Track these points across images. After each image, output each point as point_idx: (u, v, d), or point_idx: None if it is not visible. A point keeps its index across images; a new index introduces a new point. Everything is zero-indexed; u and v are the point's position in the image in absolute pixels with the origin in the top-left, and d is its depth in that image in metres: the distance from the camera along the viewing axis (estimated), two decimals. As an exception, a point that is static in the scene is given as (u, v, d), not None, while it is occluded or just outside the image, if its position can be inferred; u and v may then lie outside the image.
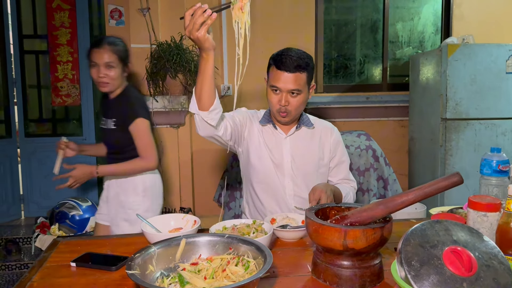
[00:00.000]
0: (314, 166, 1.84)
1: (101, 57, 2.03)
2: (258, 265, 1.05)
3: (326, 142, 1.88)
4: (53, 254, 1.39)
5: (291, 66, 1.67)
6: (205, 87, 1.53)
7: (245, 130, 1.83)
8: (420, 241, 0.90)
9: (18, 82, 4.05)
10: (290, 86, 1.69)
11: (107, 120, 2.15)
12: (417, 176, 3.61)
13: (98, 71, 2.04)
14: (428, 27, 4.03)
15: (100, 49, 2.03)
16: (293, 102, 1.72)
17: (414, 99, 3.63)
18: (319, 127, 1.89)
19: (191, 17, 1.39)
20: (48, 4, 3.86)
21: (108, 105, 2.17)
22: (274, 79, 1.71)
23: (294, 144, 1.83)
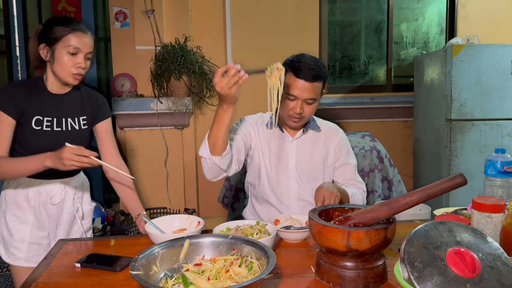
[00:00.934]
0: (319, 169, 1.84)
1: (87, 43, 1.60)
2: (261, 266, 1.05)
3: (331, 143, 1.87)
4: (58, 255, 1.40)
5: (310, 75, 1.66)
6: (220, 135, 1.58)
7: (251, 143, 1.83)
8: (423, 242, 0.90)
9: (24, 84, 4.07)
10: (307, 95, 1.68)
11: (74, 120, 1.70)
12: (422, 177, 3.60)
13: (76, 60, 1.58)
14: (433, 28, 4.02)
15: (86, 34, 1.60)
16: (308, 109, 1.72)
17: (418, 100, 3.62)
18: (324, 129, 1.89)
19: (224, 74, 1.43)
20: (54, 7, 3.89)
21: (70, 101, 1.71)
22: (291, 87, 1.68)
23: (300, 147, 1.83)
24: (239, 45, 3.60)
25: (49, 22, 1.61)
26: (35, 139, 1.62)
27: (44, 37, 1.59)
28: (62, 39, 1.55)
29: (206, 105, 3.55)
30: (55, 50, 1.56)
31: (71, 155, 1.41)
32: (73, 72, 1.59)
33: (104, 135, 1.80)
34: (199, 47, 3.34)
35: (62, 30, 1.56)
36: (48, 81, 1.65)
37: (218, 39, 3.58)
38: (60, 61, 1.57)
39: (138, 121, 3.28)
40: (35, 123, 1.61)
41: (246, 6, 3.58)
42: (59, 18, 1.63)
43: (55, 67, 1.59)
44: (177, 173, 3.42)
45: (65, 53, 1.56)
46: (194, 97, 3.37)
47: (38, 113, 1.62)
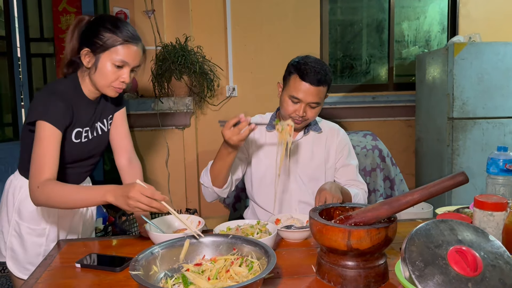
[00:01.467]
0: (321, 170, 1.83)
1: (136, 57, 1.43)
2: (262, 265, 1.04)
3: (332, 144, 1.86)
4: (58, 255, 1.40)
5: (315, 79, 1.63)
6: (223, 171, 1.64)
7: (248, 153, 1.83)
8: (424, 240, 0.89)
9: (25, 85, 4.09)
10: (311, 99, 1.65)
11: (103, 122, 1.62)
12: (424, 176, 3.59)
13: (120, 73, 1.42)
14: (434, 26, 4.00)
15: (137, 46, 1.43)
16: (311, 113, 1.70)
17: (420, 98, 3.60)
18: (325, 130, 1.87)
19: (233, 127, 1.47)
20: (54, 8, 3.90)
21: (101, 104, 1.60)
22: (296, 90, 1.65)
23: (301, 149, 1.82)
24: (239, 44, 3.59)
25: (98, 24, 1.40)
26: (72, 152, 1.50)
27: (89, 41, 1.39)
28: (110, 49, 1.38)
29: (207, 105, 3.55)
30: (99, 58, 1.39)
31: (140, 196, 1.20)
32: (114, 85, 1.42)
33: (119, 125, 1.66)
34: (200, 47, 3.34)
35: (112, 39, 1.37)
36: (85, 87, 1.49)
37: (218, 38, 3.58)
38: (103, 72, 1.40)
39: (139, 121, 3.28)
40: (75, 136, 1.49)
41: (247, 5, 3.58)
42: (110, 22, 1.40)
43: (96, 77, 1.42)
44: (179, 173, 3.42)
45: (111, 64, 1.39)
46: (195, 97, 3.37)
47: (79, 125, 1.49)
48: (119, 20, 1.43)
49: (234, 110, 3.61)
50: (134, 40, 1.41)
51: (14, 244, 1.57)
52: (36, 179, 1.33)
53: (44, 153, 1.35)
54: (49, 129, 1.36)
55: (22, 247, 1.57)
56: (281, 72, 1.79)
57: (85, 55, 1.40)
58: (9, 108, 4.10)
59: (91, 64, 1.41)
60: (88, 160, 1.61)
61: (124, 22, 1.44)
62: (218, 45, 3.57)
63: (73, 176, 1.59)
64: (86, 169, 1.64)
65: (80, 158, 1.55)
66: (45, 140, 1.35)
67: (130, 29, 1.43)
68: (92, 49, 1.39)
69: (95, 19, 1.44)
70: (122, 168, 1.71)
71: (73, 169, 1.57)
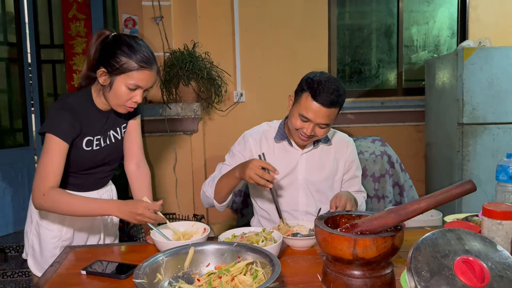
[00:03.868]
0: (328, 182, 1.81)
1: (149, 80, 1.48)
2: (266, 274, 1.03)
3: (341, 156, 1.83)
4: (65, 262, 1.40)
5: (328, 101, 1.57)
6: (226, 191, 1.71)
7: None
8: (431, 250, 0.88)
9: (35, 91, 4.14)
10: (321, 120, 1.61)
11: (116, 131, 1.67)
12: (434, 182, 3.55)
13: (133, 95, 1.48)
14: (444, 31, 3.97)
15: (152, 71, 1.48)
16: (319, 132, 1.65)
17: (430, 103, 3.57)
18: (335, 141, 1.84)
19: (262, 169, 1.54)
20: (64, 14, 3.94)
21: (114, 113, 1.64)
22: (306, 109, 1.60)
23: (309, 160, 1.79)
24: (247, 50, 3.60)
25: (115, 46, 1.45)
26: (84, 159, 1.56)
27: (106, 61, 1.45)
28: (126, 73, 1.43)
29: (214, 110, 3.56)
30: (114, 80, 1.44)
31: (147, 212, 1.38)
32: (127, 105, 1.49)
33: (132, 131, 1.71)
34: (208, 53, 3.35)
35: (127, 64, 1.42)
36: (98, 100, 1.55)
37: (226, 44, 3.59)
38: (117, 93, 1.45)
39: (147, 127, 3.29)
40: (86, 145, 1.54)
41: (255, 11, 3.58)
42: (125, 43, 1.45)
43: (110, 96, 1.48)
44: (186, 179, 3.43)
45: (125, 87, 1.44)
46: (203, 103, 3.38)
47: (90, 134, 1.55)
48: (136, 43, 1.47)
49: (242, 116, 3.61)
50: (148, 64, 1.46)
51: (35, 243, 1.64)
52: (42, 186, 1.42)
53: (50, 163, 1.44)
54: (56, 142, 1.44)
55: (40, 247, 1.63)
56: (288, 78, 1.78)
57: (101, 74, 1.47)
58: (19, 114, 4.14)
59: (107, 83, 1.47)
60: (104, 166, 1.67)
61: (140, 45, 1.47)
62: (226, 51, 3.58)
63: (93, 182, 1.66)
64: (105, 175, 1.70)
65: (95, 165, 1.62)
66: (51, 152, 1.44)
67: (145, 52, 1.46)
68: (108, 70, 1.45)
69: (113, 39, 1.48)
70: (130, 172, 1.77)
71: (91, 175, 1.64)
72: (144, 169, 1.78)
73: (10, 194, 3.88)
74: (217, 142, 3.59)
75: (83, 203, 1.44)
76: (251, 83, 3.62)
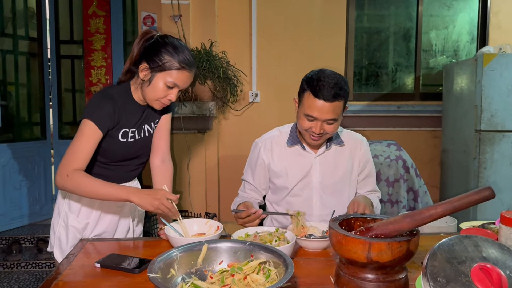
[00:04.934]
0: (343, 183, 1.79)
1: (187, 81, 1.55)
2: (279, 274, 1.03)
3: (355, 156, 1.82)
4: (80, 254, 1.42)
5: (330, 95, 1.55)
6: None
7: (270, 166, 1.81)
8: (447, 256, 0.87)
9: (54, 86, 4.20)
10: (327, 116, 1.58)
11: (150, 125, 1.72)
12: (449, 188, 3.51)
13: (169, 92, 1.54)
14: (463, 36, 3.92)
15: (191, 73, 1.54)
16: (329, 129, 1.63)
17: (447, 109, 3.53)
18: (348, 142, 1.82)
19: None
20: (85, 11, 4.00)
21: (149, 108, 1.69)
22: (310, 108, 1.58)
23: (324, 163, 1.78)
24: (264, 50, 3.60)
25: (161, 44, 1.52)
26: (118, 150, 1.61)
27: (149, 57, 1.52)
28: (167, 70, 1.50)
29: (229, 110, 3.57)
30: (154, 76, 1.51)
31: (165, 199, 1.43)
32: (161, 101, 1.55)
33: (162, 126, 1.76)
34: (224, 52, 3.36)
35: (170, 63, 1.49)
36: (135, 94, 1.61)
37: (243, 44, 3.60)
38: (155, 88, 1.52)
39: (163, 124, 3.31)
40: (122, 136, 1.59)
41: (272, 11, 3.59)
42: (171, 43, 1.52)
43: (147, 90, 1.54)
44: (199, 177, 3.44)
45: (163, 84, 1.51)
46: (218, 102, 3.40)
47: (126, 126, 1.59)
48: (180, 45, 1.54)
49: (257, 116, 3.62)
50: (189, 66, 1.53)
51: (62, 234, 1.67)
52: (67, 168, 1.45)
53: (81, 147, 1.47)
54: (91, 128, 1.48)
55: (67, 238, 1.66)
56: (305, 79, 1.77)
57: (142, 69, 1.53)
58: (37, 108, 4.21)
59: (147, 78, 1.53)
60: (135, 159, 1.72)
61: (183, 47, 1.55)
62: (242, 51, 3.59)
63: (122, 174, 1.70)
64: (134, 168, 1.74)
65: (127, 157, 1.67)
66: (84, 136, 1.48)
67: (187, 55, 1.53)
68: (151, 66, 1.51)
69: (160, 38, 1.55)
70: (154, 166, 1.81)
71: (121, 167, 1.69)
72: (168, 164, 1.82)
73: (26, 186, 3.95)
74: (231, 142, 3.60)
75: (103, 187, 1.47)
76: (266, 84, 3.62)
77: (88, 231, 1.67)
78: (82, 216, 1.66)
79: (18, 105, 4.08)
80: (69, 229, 1.65)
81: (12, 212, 3.81)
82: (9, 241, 3.49)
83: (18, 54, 4.02)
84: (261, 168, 1.82)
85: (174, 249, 1.11)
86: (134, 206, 1.79)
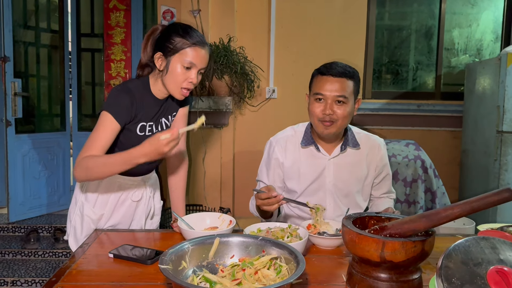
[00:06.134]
0: (358, 186, 1.76)
1: (203, 59, 1.53)
2: (290, 270, 1.03)
3: (372, 160, 1.78)
4: (93, 244, 1.44)
5: (337, 71, 1.60)
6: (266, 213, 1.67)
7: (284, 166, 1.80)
8: (463, 257, 0.85)
9: (74, 79, 4.26)
10: (336, 93, 1.59)
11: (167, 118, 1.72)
12: (468, 190, 3.44)
13: (189, 74, 1.53)
14: (487, 35, 3.83)
15: (204, 49, 1.54)
16: (339, 111, 1.60)
17: (468, 109, 3.45)
18: (365, 145, 1.77)
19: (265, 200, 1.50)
20: (105, 4, 4.03)
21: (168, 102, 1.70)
22: (318, 86, 1.62)
23: (338, 166, 1.74)
24: (282, 46, 3.58)
25: (170, 30, 1.54)
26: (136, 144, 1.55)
27: (162, 45, 1.54)
28: (180, 51, 1.50)
29: (246, 105, 3.56)
30: (170, 61, 1.52)
31: (164, 141, 1.35)
32: (183, 86, 1.53)
33: (179, 119, 1.76)
34: (242, 48, 3.36)
35: (182, 43, 1.50)
36: (155, 87, 1.61)
37: (261, 40, 3.58)
38: (174, 73, 1.52)
39: (179, 118, 3.33)
40: (140, 129, 1.60)
41: (292, 7, 3.56)
42: (180, 27, 1.54)
43: (167, 78, 1.54)
44: (214, 172, 3.45)
45: (180, 66, 1.51)
46: (235, 97, 3.39)
47: (144, 119, 1.60)
48: (189, 27, 1.55)
49: (273, 112, 3.60)
50: (201, 43, 1.53)
51: (77, 223, 1.69)
52: (81, 155, 1.47)
53: (97, 137, 1.48)
54: (109, 120, 1.49)
55: (81, 227, 1.68)
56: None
57: (158, 58, 1.54)
58: (58, 100, 4.28)
59: (163, 66, 1.54)
60: None
61: (193, 29, 1.56)
62: (261, 46, 3.58)
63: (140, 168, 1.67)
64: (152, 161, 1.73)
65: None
66: (101, 127, 1.49)
67: (198, 34, 1.55)
68: (164, 52, 1.52)
69: (168, 26, 1.57)
70: (169, 160, 1.83)
71: None
72: (184, 158, 1.84)
73: (45, 177, 4.02)
74: (247, 137, 3.59)
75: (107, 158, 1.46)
76: (284, 80, 3.60)
77: (102, 221, 1.69)
78: (98, 207, 1.68)
79: (39, 97, 4.15)
80: (84, 218, 1.67)
81: (31, 201, 3.89)
82: (27, 230, 3.56)
83: (40, 47, 4.09)
84: (276, 167, 1.81)
85: (186, 242, 1.11)
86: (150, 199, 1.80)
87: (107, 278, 1.17)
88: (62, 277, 1.16)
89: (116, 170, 1.48)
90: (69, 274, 1.19)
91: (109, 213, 1.69)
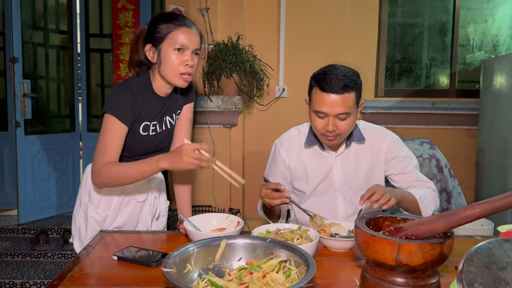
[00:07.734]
0: (368, 181, 1.69)
1: (193, 39, 1.49)
2: (300, 274, 0.98)
3: (379, 151, 1.69)
4: (97, 246, 1.40)
5: (338, 87, 1.48)
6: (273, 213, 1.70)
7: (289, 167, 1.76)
8: (485, 261, 0.79)
9: (83, 79, 4.26)
10: (338, 110, 1.49)
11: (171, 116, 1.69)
12: (484, 190, 3.35)
13: (183, 57, 1.49)
14: (503, 30, 3.72)
15: (192, 30, 1.50)
16: (342, 126, 1.53)
17: (485, 107, 3.36)
18: (369, 136, 1.71)
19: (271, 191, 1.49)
20: (114, 5, 4.02)
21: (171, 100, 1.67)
22: (319, 103, 1.51)
23: (345, 162, 1.69)
24: (292, 44, 3.53)
25: (154, 21, 1.52)
26: (140, 144, 1.58)
27: (150, 37, 1.51)
28: (167, 36, 1.47)
29: (255, 104, 3.51)
30: (161, 49, 1.48)
31: (193, 153, 1.35)
32: (181, 71, 1.49)
33: (184, 117, 1.73)
34: (251, 46, 3.31)
35: (167, 27, 1.47)
36: (156, 83, 1.57)
37: (271, 38, 3.53)
38: (168, 60, 1.48)
39: (188, 118, 3.30)
40: (143, 129, 1.57)
41: (302, 4, 3.50)
42: (164, 15, 1.53)
43: (163, 68, 1.50)
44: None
45: (172, 50, 1.47)
46: (244, 96, 3.34)
47: (147, 119, 1.57)
48: (174, 13, 1.55)
49: (282, 111, 3.55)
50: (186, 24, 1.50)
51: (81, 225, 1.67)
52: (97, 164, 1.46)
53: (108, 143, 1.47)
54: (114, 122, 1.47)
55: (86, 228, 1.65)
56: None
57: (148, 50, 1.51)
58: (67, 101, 4.28)
59: (156, 58, 1.50)
60: (157, 152, 1.65)
61: (177, 14, 1.55)
62: (270, 45, 3.53)
63: None
64: None
65: (149, 151, 1.63)
66: (110, 133, 1.47)
67: (183, 17, 1.52)
68: (153, 43, 1.50)
69: (152, 19, 1.55)
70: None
71: None
72: None
73: (55, 178, 4.02)
74: (256, 137, 3.55)
75: (131, 167, 1.46)
76: (293, 79, 3.54)
77: (107, 223, 1.66)
78: (102, 208, 1.65)
79: (48, 98, 4.15)
80: (88, 220, 1.64)
81: (40, 203, 3.88)
82: (37, 231, 3.56)
83: (48, 47, 4.09)
84: (282, 169, 1.77)
85: (191, 244, 1.07)
86: (155, 199, 1.76)
87: (109, 281, 1.14)
88: (64, 281, 1.13)
89: (141, 178, 1.48)
90: (71, 278, 1.16)
91: (113, 214, 1.66)
